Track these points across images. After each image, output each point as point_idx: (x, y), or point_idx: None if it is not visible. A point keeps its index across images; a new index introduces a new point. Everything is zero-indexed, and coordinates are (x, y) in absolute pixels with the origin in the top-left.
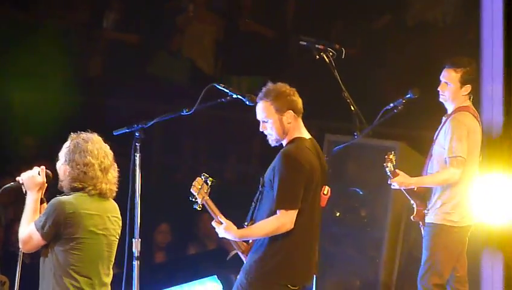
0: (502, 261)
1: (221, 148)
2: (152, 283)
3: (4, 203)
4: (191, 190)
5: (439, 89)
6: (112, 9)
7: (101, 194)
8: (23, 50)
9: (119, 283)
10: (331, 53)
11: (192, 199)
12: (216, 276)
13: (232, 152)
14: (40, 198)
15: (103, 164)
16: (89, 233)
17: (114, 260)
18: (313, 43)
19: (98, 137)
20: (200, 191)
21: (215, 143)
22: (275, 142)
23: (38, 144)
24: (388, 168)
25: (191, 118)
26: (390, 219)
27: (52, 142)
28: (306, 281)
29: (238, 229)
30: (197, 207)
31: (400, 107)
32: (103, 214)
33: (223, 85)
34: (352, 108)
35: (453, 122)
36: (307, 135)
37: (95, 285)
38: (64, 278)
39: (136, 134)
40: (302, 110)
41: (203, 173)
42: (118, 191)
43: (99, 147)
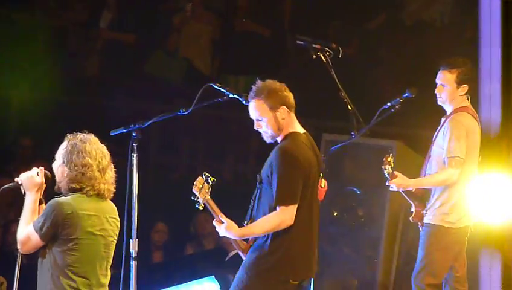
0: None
1: (218, 147)
2: (150, 283)
3: (2, 204)
4: (193, 190)
5: (436, 92)
6: (109, 9)
7: (99, 195)
8: (20, 50)
9: (116, 283)
10: (328, 52)
11: (194, 199)
12: (214, 276)
13: (230, 152)
14: (39, 199)
15: (101, 165)
16: (86, 234)
17: (112, 260)
18: (309, 43)
19: (95, 138)
20: (202, 191)
21: (212, 143)
22: (270, 139)
23: (36, 144)
24: (386, 170)
25: (188, 118)
26: (388, 218)
27: (49, 142)
28: (307, 275)
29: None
30: (199, 207)
31: (397, 107)
32: (101, 214)
33: (219, 85)
34: (349, 107)
35: (451, 122)
36: (301, 130)
37: (92, 286)
38: (62, 278)
39: (133, 134)
40: (294, 104)
41: (204, 172)
42: (115, 191)
43: (97, 148)
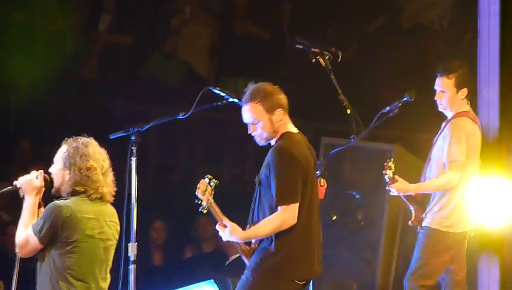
0: (498, 264)
1: (217, 149)
2: (148, 286)
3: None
4: (196, 193)
5: (436, 98)
6: (108, 12)
7: (102, 198)
8: (18, 52)
9: (115, 286)
10: (327, 56)
11: (198, 202)
12: (213, 280)
13: (228, 153)
14: (38, 202)
15: (104, 168)
16: (85, 237)
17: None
18: (309, 47)
19: (94, 141)
20: (205, 194)
21: (210, 145)
22: (263, 142)
23: (35, 146)
24: (387, 175)
25: (187, 120)
26: (387, 222)
27: (48, 145)
28: (313, 274)
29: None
30: (203, 210)
31: (396, 110)
32: (100, 217)
33: (218, 89)
34: (348, 111)
35: (452, 126)
36: (294, 130)
37: (91, 289)
38: (61, 282)
39: (132, 138)
40: (287, 106)
41: (207, 175)
42: (114, 194)
43: (99, 151)
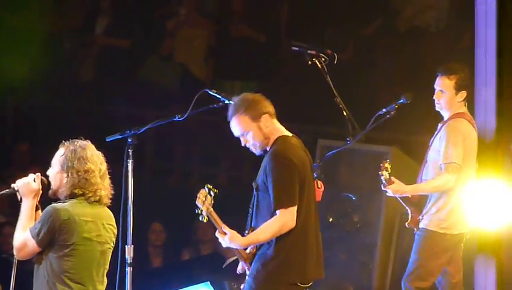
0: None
1: (213, 152)
2: (145, 288)
3: None
4: (196, 202)
5: (434, 97)
6: (105, 15)
7: (99, 201)
8: (15, 55)
9: (112, 289)
10: (323, 58)
11: (198, 211)
12: (209, 282)
13: (225, 157)
14: (35, 205)
15: (101, 171)
16: (83, 240)
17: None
18: (305, 49)
19: (91, 144)
20: (205, 203)
21: (207, 148)
22: (259, 151)
23: (33, 149)
24: (383, 176)
25: (184, 123)
26: (383, 224)
27: (46, 148)
28: (315, 277)
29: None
30: (203, 219)
31: (393, 113)
32: (98, 221)
33: (215, 91)
34: (344, 113)
35: (448, 128)
36: (288, 133)
37: None
38: (58, 285)
39: (129, 140)
40: (274, 111)
41: (206, 185)
42: (110, 197)
43: (96, 154)
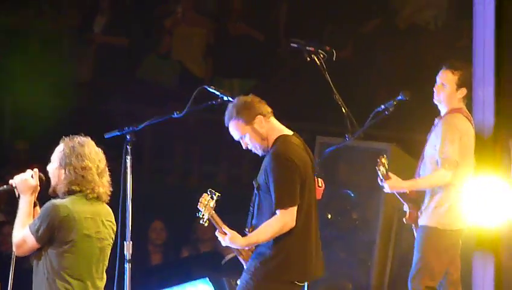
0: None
1: (213, 151)
2: (144, 285)
3: None
4: (198, 207)
5: (435, 89)
6: (103, 14)
7: (98, 198)
8: (13, 54)
9: (111, 285)
10: (322, 55)
11: (199, 215)
12: (208, 278)
13: (224, 155)
14: (34, 201)
15: (99, 168)
16: (82, 236)
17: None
18: (303, 45)
19: (91, 141)
20: (207, 207)
21: (207, 146)
22: (261, 152)
23: (31, 148)
24: (380, 171)
25: (183, 122)
26: (382, 222)
27: (44, 146)
28: (313, 276)
29: (242, 237)
30: (204, 223)
31: (391, 109)
32: (97, 217)
33: (213, 87)
34: (343, 110)
35: (445, 124)
36: (288, 132)
37: (88, 288)
38: (58, 281)
39: (127, 137)
40: (270, 110)
41: (209, 189)
42: (109, 194)
43: (95, 151)
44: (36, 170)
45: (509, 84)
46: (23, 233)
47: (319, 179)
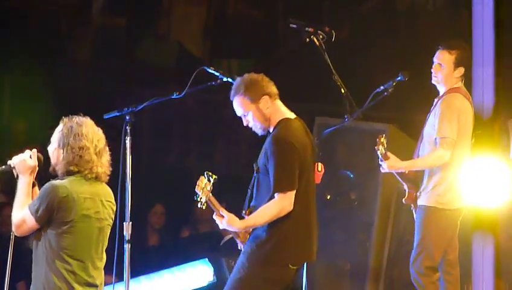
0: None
1: (211, 131)
2: (144, 266)
3: None
4: (196, 190)
5: (432, 70)
6: None
7: (97, 178)
8: (11, 34)
9: (110, 265)
10: (321, 36)
11: (197, 198)
12: (207, 259)
13: (222, 135)
14: (32, 181)
15: (98, 148)
16: (81, 217)
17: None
18: (302, 26)
19: (90, 121)
20: (204, 190)
21: (205, 127)
22: (261, 131)
23: (29, 128)
24: (379, 151)
25: (182, 102)
26: (380, 202)
27: (42, 126)
28: (307, 259)
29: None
30: (202, 206)
31: (390, 90)
32: (96, 197)
33: (213, 68)
34: (342, 91)
35: (443, 103)
36: (291, 115)
37: (87, 268)
38: (57, 262)
39: (127, 117)
40: (277, 92)
41: (206, 171)
42: (109, 175)
43: (93, 131)
44: (35, 150)
45: (508, 66)
46: (22, 213)
47: (319, 163)
